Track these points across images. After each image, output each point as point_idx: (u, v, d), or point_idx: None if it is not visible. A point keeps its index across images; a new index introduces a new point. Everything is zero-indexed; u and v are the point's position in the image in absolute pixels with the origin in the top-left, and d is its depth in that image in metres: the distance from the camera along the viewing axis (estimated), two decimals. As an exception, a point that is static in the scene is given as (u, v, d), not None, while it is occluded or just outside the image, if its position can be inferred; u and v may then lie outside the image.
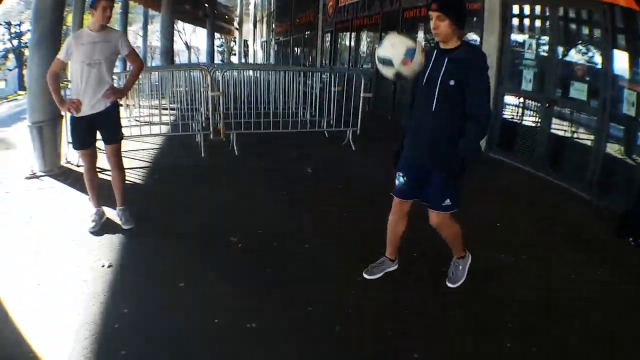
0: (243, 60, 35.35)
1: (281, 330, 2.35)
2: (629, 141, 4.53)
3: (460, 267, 2.84)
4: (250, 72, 8.55)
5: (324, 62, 14.73)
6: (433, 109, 2.39)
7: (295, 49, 19.62)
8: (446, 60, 2.34)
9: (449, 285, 2.79)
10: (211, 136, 6.02)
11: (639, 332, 2.46)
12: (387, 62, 2.27)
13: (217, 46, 39.61)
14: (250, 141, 6.27)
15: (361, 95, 6.48)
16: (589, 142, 4.89)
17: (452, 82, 2.30)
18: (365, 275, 2.85)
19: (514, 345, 2.29)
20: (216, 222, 3.68)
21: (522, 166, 5.69)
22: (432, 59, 2.41)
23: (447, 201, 2.51)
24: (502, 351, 2.26)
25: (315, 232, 3.52)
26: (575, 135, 5.23)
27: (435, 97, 2.37)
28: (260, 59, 30.36)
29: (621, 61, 4.46)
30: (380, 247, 2.92)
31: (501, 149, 6.22)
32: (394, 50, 2.25)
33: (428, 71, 2.41)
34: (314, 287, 2.75)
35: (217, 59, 35.45)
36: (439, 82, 2.35)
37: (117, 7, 16.43)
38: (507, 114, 6.37)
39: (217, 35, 31.30)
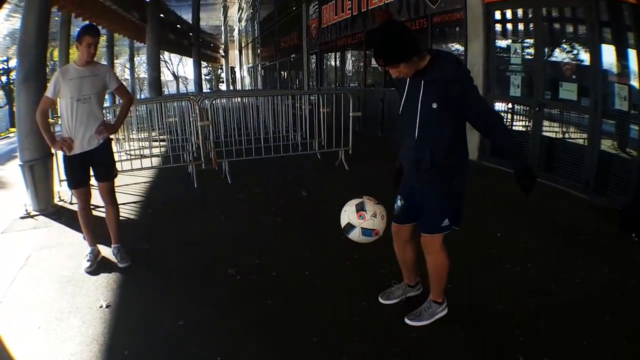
0: (231, 87, 35.68)
1: (286, 364, 2.30)
2: (623, 136, 4.51)
3: (431, 310, 2.57)
4: (238, 99, 8.61)
5: (311, 84, 14.90)
6: (416, 135, 2.24)
7: (282, 72, 19.86)
8: (422, 83, 2.18)
9: (407, 320, 2.56)
10: (203, 166, 6.00)
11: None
12: (348, 227, 2.40)
13: (205, 74, 39.98)
14: (243, 168, 6.27)
15: (350, 114, 6.54)
16: (582, 142, 4.89)
17: (434, 105, 2.14)
18: (380, 300, 2.76)
19: (526, 357, 2.26)
20: (213, 254, 3.63)
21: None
22: (407, 85, 2.27)
23: (446, 221, 2.32)
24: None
25: (315, 258, 3.47)
26: (567, 135, 5.23)
27: (417, 122, 2.22)
28: (248, 84, 30.67)
29: (609, 56, 4.44)
30: (381, 270, 2.89)
31: (494, 157, 6.26)
32: (346, 214, 2.42)
33: (405, 97, 2.29)
34: (317, 316, 2.69)
35: (205, 87, 35.69)
36: (419, 107, 2.20)
37: (103, 40, 16.57)
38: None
39: (204, 63, 31.58)
